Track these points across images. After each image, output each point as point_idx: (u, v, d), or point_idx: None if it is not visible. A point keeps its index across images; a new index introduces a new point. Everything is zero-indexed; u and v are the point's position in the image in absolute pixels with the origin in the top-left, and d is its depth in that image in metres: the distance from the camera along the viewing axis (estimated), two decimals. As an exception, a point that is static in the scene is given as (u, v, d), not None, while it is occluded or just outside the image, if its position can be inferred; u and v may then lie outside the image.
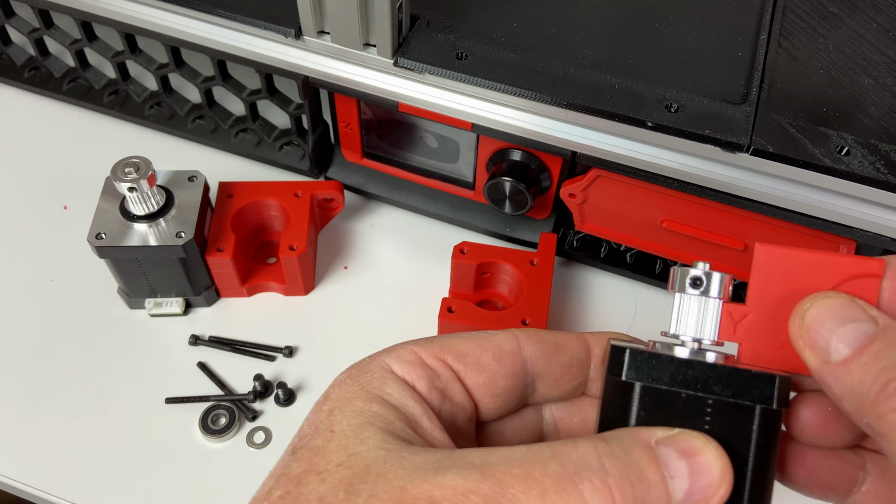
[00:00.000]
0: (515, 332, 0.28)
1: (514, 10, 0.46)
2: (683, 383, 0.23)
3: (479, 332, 0.29)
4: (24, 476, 0.43)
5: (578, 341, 0.29)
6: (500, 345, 0.28)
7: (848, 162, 0.38)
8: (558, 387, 0.29)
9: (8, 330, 0.48)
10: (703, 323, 0.25)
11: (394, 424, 0.24)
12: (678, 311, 0.26)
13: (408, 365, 0.27)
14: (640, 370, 0.24)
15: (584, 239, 0.52)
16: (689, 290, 0.25)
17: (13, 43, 0.60)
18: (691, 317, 0.25)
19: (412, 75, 0.44)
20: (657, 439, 0.23)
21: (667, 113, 0.40)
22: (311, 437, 0.25)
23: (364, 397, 0.25)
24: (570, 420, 0.30)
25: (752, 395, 0.23)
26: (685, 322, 0.25)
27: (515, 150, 0.46)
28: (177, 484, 0.43)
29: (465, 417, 0.28)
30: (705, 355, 0.24)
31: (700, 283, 0.25)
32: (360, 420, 0.24)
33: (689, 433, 0.23)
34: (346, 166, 0.55)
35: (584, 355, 0.29)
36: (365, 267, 0.52)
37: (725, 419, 0.23)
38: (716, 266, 0.26)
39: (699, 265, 0.25)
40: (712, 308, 0.25)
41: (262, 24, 0.45)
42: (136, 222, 0.44)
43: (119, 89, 0.59)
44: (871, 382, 0.21)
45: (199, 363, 0.47)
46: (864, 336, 0.22)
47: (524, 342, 0.28)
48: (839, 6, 0.47)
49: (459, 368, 0.27)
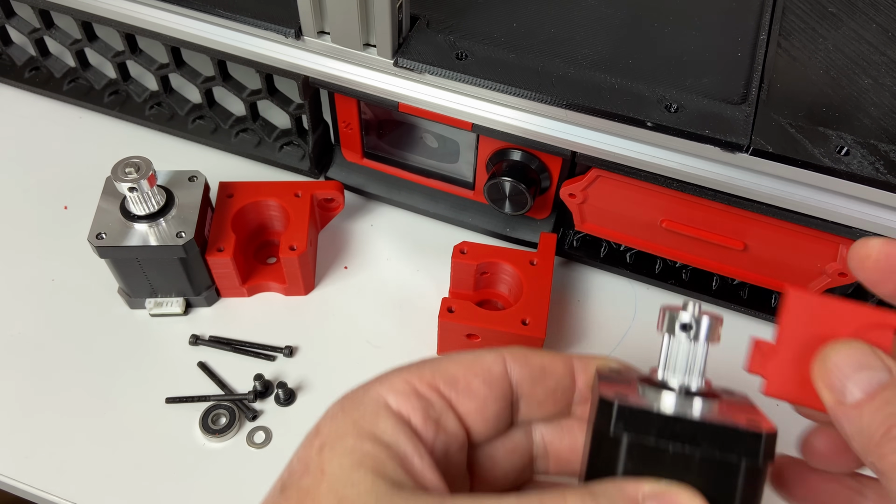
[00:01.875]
0: (503, 353, 0.29)
1: (514, 10, 0.46)
2: (671, 438, 0.24)
3: (467, 354, 0.29)
4: (25, 476, 0.43)
5: (564, 366, 0.29)
6: (489, 368, 0.28)
7: (847, 162, 0.38)
8: (542, 409, 0.29)
9: (8, 330, 0.48)
10: (692, 368, 0.25)
11: (385, 465, 0.24)
12: (666, 353, 0.26)
13: (402, 396, 0.27)
14: (627, 425, 0.24)
15: (583, 239, 0.52)
16: (678, 333, 0.25)
17: (14, 43, 0.60)
18: (680, 361, 0.25)
19: (412, 75, 0.44)
20: (644, 494, 0.23)
21: (666, 113, 0.40)
22: (300, 474, 0.25)
23: (356, 434, 0.25)
24: (560, 444, 0.30)
25: (738, 451, 0.24)
26: (673, 366, 0.25)
27: (515, 150, 0.46)
28: (177, 483, 0.43)
29: (457, 446, 0.28)
30: (693, 404, 0.25)
31: (689, 327, 0.25)
32: (351, 460, 0.24)
33: (676, 490, 0.23)
34: (346, 166, 0.55)
35: (569, 381, 0.29)
36: (365, 267, 0.52)
37: (712, 473, 0.24)
38: (706, 311, 0.26)
39: (689, 307, 0.25)
40: (701, 352, 0.25)
41: (263, 25, 0.45)
42: (137, 222, 0.44)
43: (119, 89, 0.59)
44: (877, 426, 0.23)
45: (200, 363, 0.47)
46: (877, 383, 0.24)
47: (511, 364, 0.29)
48: (839, 6, 0.47)
49: (451, 396, 0.28)
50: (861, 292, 0.46)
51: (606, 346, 0.49)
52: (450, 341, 0.47)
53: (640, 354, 0.49)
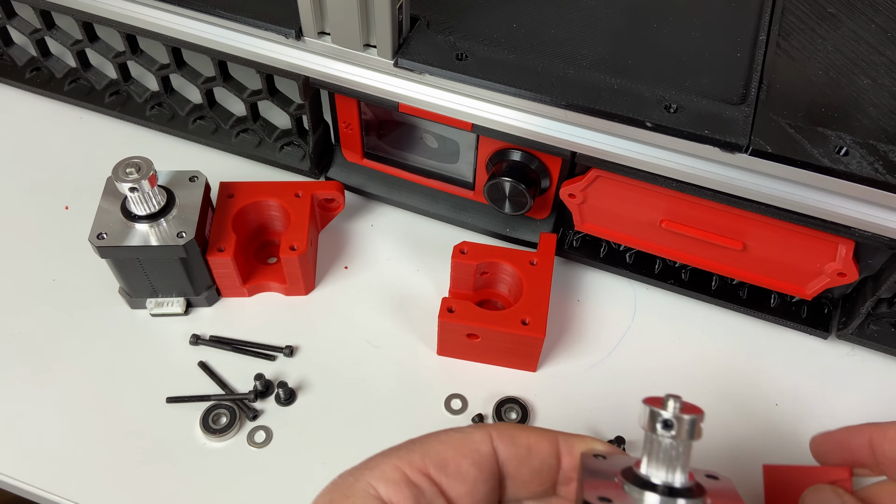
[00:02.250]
0: (489, 431, 0.29)
1: (514, 11, 0.46)
2: None
3: (455, 433, 0.29)
4: (25, 475, 0.43)
5: (550, 445, 0.29)
6: (477, 448, 0.28)
7: (846, 162, 0.38)
8: (526, 489, 0.29)
9: (9, 329, 0.48)
10: (675, 464, 0.25)
11: None
12: (649, 450, 0.26)
13: (393, 486, 0.27)
14: None
15: (583, 239, 0.52)
16: (660, 431, 0.25)
17: (15, 43, 0.60)
18: (662, 458, 0.25)
19: (412, 76, 0.44)
20: None
21: (666, 113, 0.41)
22: None
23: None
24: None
25: None
26: (656, 464, 0.25)
27: (515, 150, 0.47)
28: (177, 483, 0.43)
29: None
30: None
31: (671, 425, 0.25)
32: None
33: None
34: (346, 166, 0.55)
35: (554, 460, 0.29)
36: (365, 267, 0.52)
37: None
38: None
39: (669, 406, 0.25)
40: (684, 450, 0.25)
41: (263, 25, 0.46)
42: (138, 222, 0.44)
43: (120, 90, 0.59)
44: None
45: (200, 363, 0.47)
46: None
47: (498, 443, 0.29)
48: (838, 7, 0.47)
49: (442, 480, 0.27)
50: (862, 292, 0.46)
51: (606, 345, 0.49)
52: (450, 341, 0.47)
53: (640, 354, 0.49)
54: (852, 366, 0.49)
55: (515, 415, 0.46)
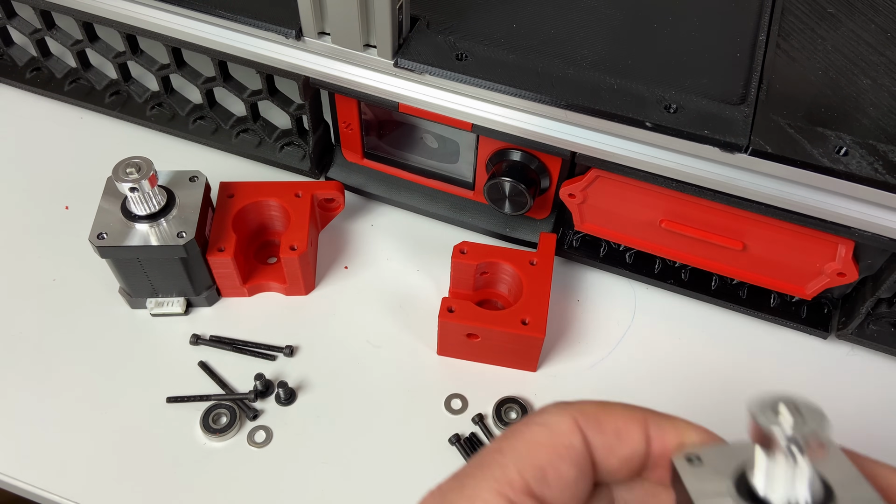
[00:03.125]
0: (573, 416, 0.26)
1: (513, 11, 0.47)
2: None
3: (538, 429, 0.26)
4: (26, 475, 0.43)
5: (640, 430, 0.26)
6: (569, 443, 0.25)
7: (846, 162, 0.38)
8: (612, 477, 0.27)
9: (9, 330, 0.48)
10: (799, 485, 0.22)
11: None
12: (765, 464, 0.22)
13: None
14: None
15: (583, 239, 0.52)
16: (776, 450, 0.22)
17: (15, 44, 0.60)
18: (782, 478, 0.22)
19: (412, 76, 0.44)
20: None
21: (666, 113, 0.41)
22: None
23: None
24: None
25: None
26: (774, 482, 0.22)
27: (515, 150, 0.47)
28: (178, 483, 0.43)
29: None
30: None
31: (798, 444, 0.22)
32: None
33: None
34: (346, 166, 0.55)
35: (644, 447, 0.26)
36: (365, 267, 0.52)
37: None
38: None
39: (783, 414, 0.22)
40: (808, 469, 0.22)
41: (263, 25, 0.46)
42: (138, 222, 0.44)
43: (120, 90, 0.59)
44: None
45: (200, 363, 0.47)
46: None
47: (585, 429, 0.26)
48: (838, 7, 0.47)
49: (545, 493, 0.24)
50: (862, 292, 0.46)
51: (606, 345, 0.49)
52: (450, 341, 0.47)
53: (640, 354, 0.49)
54: (852, 366, 0.49)
55: (515, 415, 0.46)
